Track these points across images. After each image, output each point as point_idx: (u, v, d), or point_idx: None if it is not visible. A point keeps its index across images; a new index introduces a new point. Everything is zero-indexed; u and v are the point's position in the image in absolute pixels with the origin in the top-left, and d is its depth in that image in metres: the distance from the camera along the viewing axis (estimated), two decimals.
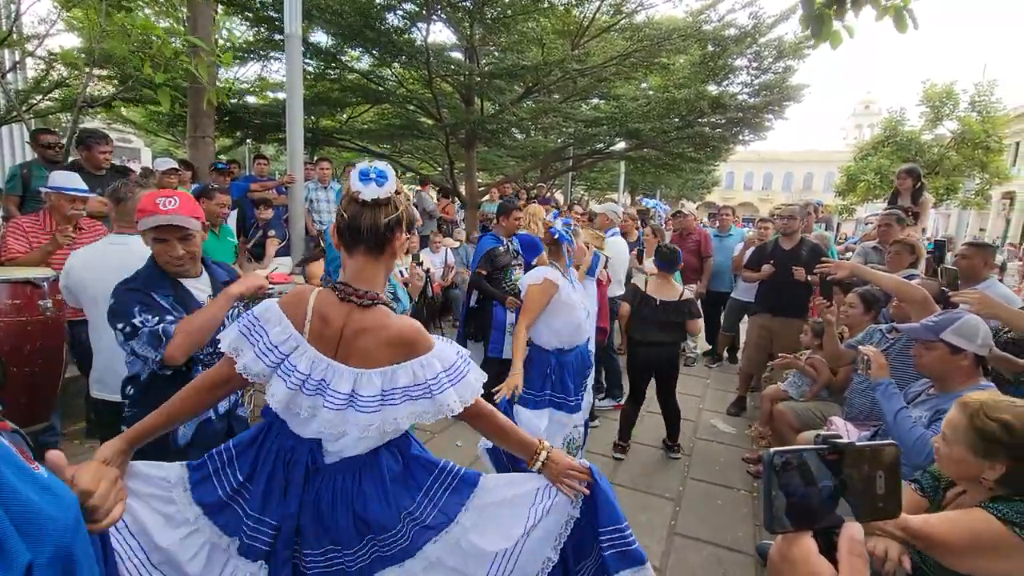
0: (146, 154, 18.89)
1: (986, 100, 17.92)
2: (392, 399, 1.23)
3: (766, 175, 49.30)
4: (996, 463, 1.41)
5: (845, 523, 0.57)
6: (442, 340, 1.32)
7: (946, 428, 1.53)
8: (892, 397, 2.14)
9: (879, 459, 0.59)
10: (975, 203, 19.71)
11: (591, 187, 22.03)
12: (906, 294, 2.64)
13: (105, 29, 3.97)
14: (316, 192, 6.22)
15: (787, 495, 0.56)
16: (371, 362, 1.24)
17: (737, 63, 10.49)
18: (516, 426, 1.49)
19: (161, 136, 13.69)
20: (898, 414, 2.08)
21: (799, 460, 0.56)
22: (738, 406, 4.65)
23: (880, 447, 0.59)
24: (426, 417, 1.26)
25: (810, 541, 0.57)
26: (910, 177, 4.94)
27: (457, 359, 1.30)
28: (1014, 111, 22.91)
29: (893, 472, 0.59)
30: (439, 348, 1.29)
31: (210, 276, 1.94)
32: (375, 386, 1.23)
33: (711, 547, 2.76)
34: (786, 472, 0.56)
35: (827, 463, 0.57)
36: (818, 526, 0.57)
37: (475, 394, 1.30)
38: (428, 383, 1.24)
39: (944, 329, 2.07)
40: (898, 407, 2.11)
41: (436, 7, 8.09)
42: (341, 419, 1.22)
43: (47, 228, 3.05)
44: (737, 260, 5.23)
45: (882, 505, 0.59)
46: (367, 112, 11.91)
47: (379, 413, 1.22)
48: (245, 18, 8.52)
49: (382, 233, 1.22)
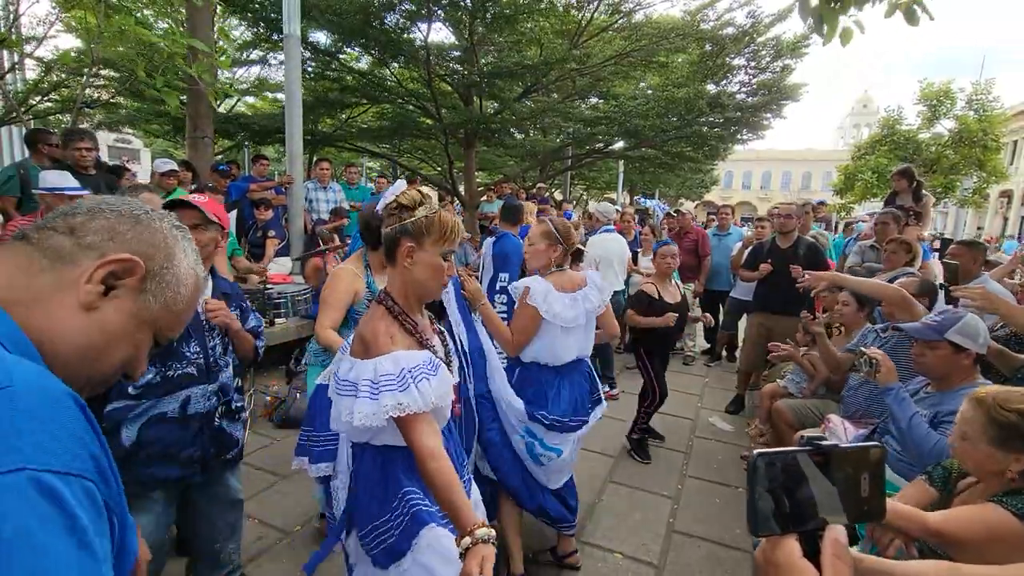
0: (145, 155, 18.84)
1: (983, 98, 17.96)
2: (340, 390, 1.33)
3: (764, 174, 49.34)
4: (1021, 455, 1.41)
5: (829, 525, 0.57)
6: (407, 353, 1.29)
7: (964, 426, 1.52)
8: (903, 401, 2.09)
9: (864, 461, 0.58)
10: (973, 201, 19.72)
11: (590, 186, 22.04)
12: (885, 296, 2.67)
13: (103, 31, 3.98)
14: (315, 192, 6.23)
15: (772, 498, 0.56)
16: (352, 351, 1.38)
17: (735, 62, 10.53)
18: (452, 484, 1.21)
19: (160, 137, 13.68)
20: (912, 420, 2.04)
21: (784, 462, 0.56)
22: (736, 404, 4.67)
23: (864, 448, 0.59)
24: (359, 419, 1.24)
25: (794, 544, 0.56)
26: (904, 177, 4.98)
27: (387, 374, 1.24)
28: (1011, 109, 22.95)
29: (877, 474, 0.59)
30: (383, 358, 1.26)
31: (213, 284, 1.94)
32: (342, 372, 1.36)
33: (709, 544, 2.78)
34: (771, 474, 0.56)
35: (812, 465, 0.57)
36: (802, 529, 0.57)
37: (396, 411, 1.21)
38: (357, 384, 1.26)
39: (948, 328, 2.07)
40: (911, 412, 2.06)
41: (436, 6, 8.10)
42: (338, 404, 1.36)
43: None
44: (736, 259, 5.25)
45: (867, 507, 0.58)
46: (366, 112, 11.92)
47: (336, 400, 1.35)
48: (244, 18, 8.54)
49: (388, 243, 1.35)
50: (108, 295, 0.64)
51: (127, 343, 0.68)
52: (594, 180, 20.58)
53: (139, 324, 0.68)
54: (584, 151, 12.22)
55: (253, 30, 9.16)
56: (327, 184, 6.36)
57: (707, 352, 6.27)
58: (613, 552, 2.66)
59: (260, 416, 3.93)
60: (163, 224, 0.71)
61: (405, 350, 1.30)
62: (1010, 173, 23.60)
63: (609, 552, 2.66)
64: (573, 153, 12.55)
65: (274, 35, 8.39)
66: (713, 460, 3.74)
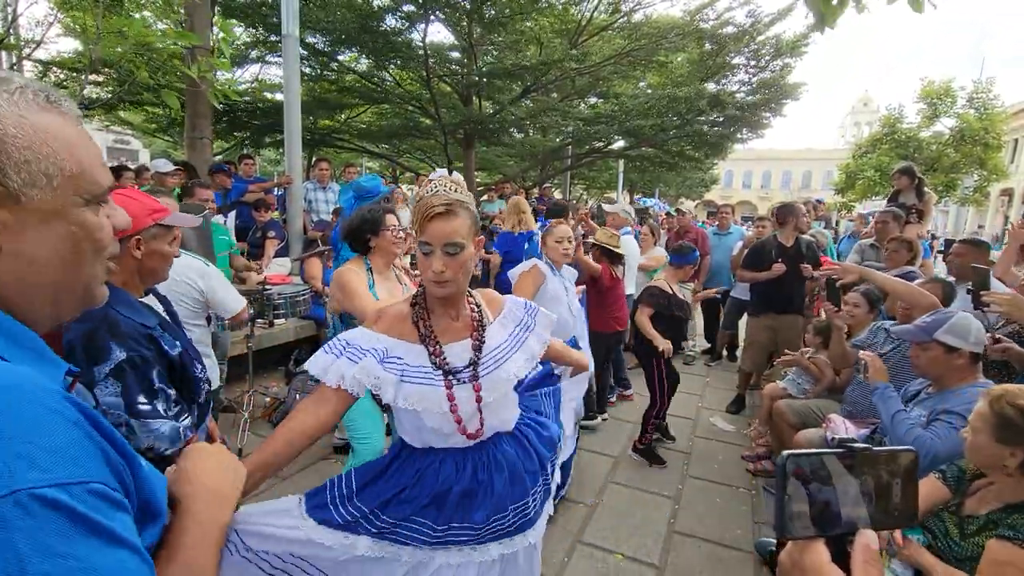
0: (144, 156, 18.85)
1: (984, 97, 17.96)
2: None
3: (765, 173, 49.33)
4: (1016, 449, 1.43)
5: (860, 530, 0.55)
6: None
7: (975, 421, 1.55)
8: (888, 400, 2.16)
9: (895, 465, 0.57)
10: (973, 200, 19.75)
11: (590, 186, 22.04)
12: (916, 301, 2.59)
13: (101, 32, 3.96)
14: (314, 192, 6.22)
15: (800, 500, 0.54)
16: None
17: (735, 61, 10.53)
18: None
19: (159, 138, 13.69)
20: (895, 417, 2.09)
21: (813, 464, 0.55)
22: (737, 404, 4.65)
23: (896, 452, 0.57)
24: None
25: (823, 548, 0.55)
26: (905, 176, 4.97)
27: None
28: (1012, 108, 22.93)
29: (910, 479, 0.57)
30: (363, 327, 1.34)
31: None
32: None
33: (710, 545, 2.76)
34: (800, 476, 0.54)
35: (843, 467, 0.55)
36: (832, 533, 0.55)
37: (312, 367, 1.27)
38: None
39: (937, 329, 2.07)
40: (895, 410, 2.12)
41: (434, 7, 8.10)
42: None
43: None
44: (736, 259, 5.23)
45: (897, 513, 0.57)
46: (365, 112, 11.93)
47: None
48: (242, 19, 8.53)
49: None
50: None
51: (53, 245, 0.56)
52: (594, 179, 20.58)
53: (43, 216, 0.55)
54: (584, 150, 12.22)
55: (251, 31, 9.17)
56: (326, 184, 6.35)
57: (708, 351, 6.26)
58: (613, 553, 2.65)
59: (259, 417, 3.92)
60: None
61: (387, 334, 1.29)
62: (1011, 171, 23.58)
63: (609, 553, 2.65)
64: (573, 152, 12.55)
65: (272, 36, 8.39)
66: (714, 460, 3.72)
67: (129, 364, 1.29)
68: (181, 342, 1.49)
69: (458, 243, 1.22)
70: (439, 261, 1.21)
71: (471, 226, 1.26)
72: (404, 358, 1.28)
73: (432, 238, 1.21)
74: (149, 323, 1.40)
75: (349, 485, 1.28)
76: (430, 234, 1.21)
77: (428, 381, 1.27)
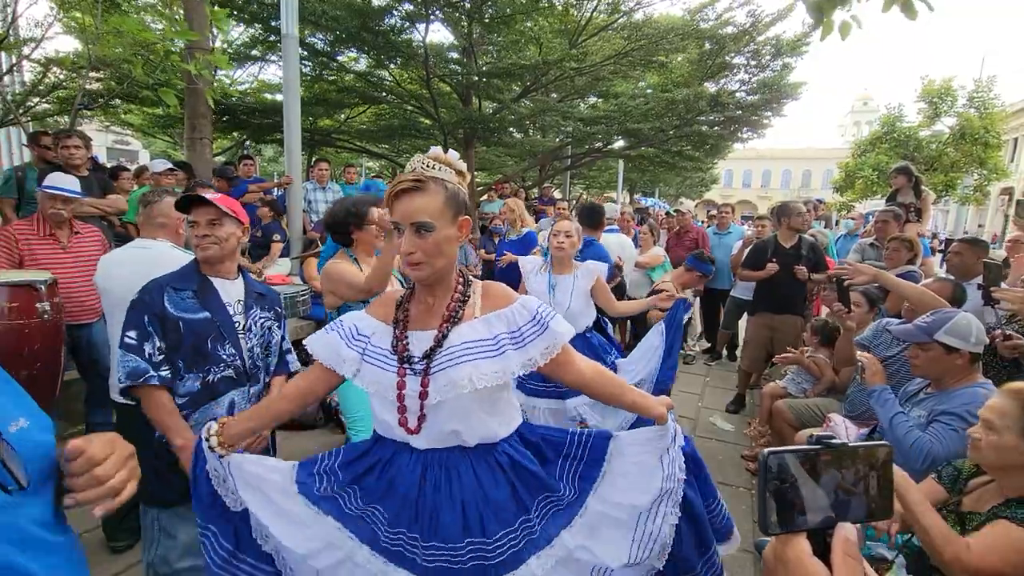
0: (144, 156, 18.87)
1: (984, 96, 17.95)
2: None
3: (765, 173, 49.32)
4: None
5: (839, 524, 0.57)
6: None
7: (991, 416, 1.49)
8: (886, 403, 2.13)
9: (872, 459, 0.59)
10: (973, 199, 19.73)
11: (590, 186, 22.02)
12: (927, 304, 2.54)
13: (100, 32, 3.96)
14: (314, 193, 6.22)
15: (781, 495, 0.56)
16: None
17: (735, 61, 10.51)
18: None
19: (159, 138, 13.68)
20: (893, 419, 2.07)
21: (793, 460, 0.56)
22: (737, 403, 4.65)
23: (873, 447, 0.59)
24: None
25: (804, 542, 0.56)
26: (902, 174, 4.98)
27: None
28: (1012, 107, 22.93)
29: (886, 472, 0.59)
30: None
31: (245, 284, 1.91)
32: None
33: None
34: (780, 472, 0.56)
35: (821, 463, 0.57)
36: (812, 527, 0.57)
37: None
38: None
39: (937, 330, 2.06)
40: (892, 413, 2.10)
41: (434, 7, 8.09)
42: None
43: (41, 232, 2.95)
44: (736, 258, 5.23)
45: (874, 506, 0.59)
46: (365, 112, 11.92)
47: None
48: (241, 19, 8.53)
49: None
50: None
51: None
52: (594, 179, 20.57)
53: None
54: (583, 150, 12.21)
55: (250, 31, 9.17)
56: (326, 184, 6.34)
57: (708, 351, 6.26)
58: None
59: None
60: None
61: (375, 316, 1.33)
62: (1011, 171, 23.58)
63: None
64: (572, 152, 12.54)
65: (271, 36, 8.39)
66: (713, 460, 3.71)
67: (133, 304, 1.69)
68: (215, 316, 1.75)
69: (425, 223, 1.12)
70: (408, 241, 1.14)
71: (445, 205, 1.15)
72: (371, 338, 1.27)
73: (399, 215, 1.14)
74: (177, 285, 1.73)
75: (335, 458, 1.37)
76: (397, 211, 1.15)
77: (383, 364, 1.23)
